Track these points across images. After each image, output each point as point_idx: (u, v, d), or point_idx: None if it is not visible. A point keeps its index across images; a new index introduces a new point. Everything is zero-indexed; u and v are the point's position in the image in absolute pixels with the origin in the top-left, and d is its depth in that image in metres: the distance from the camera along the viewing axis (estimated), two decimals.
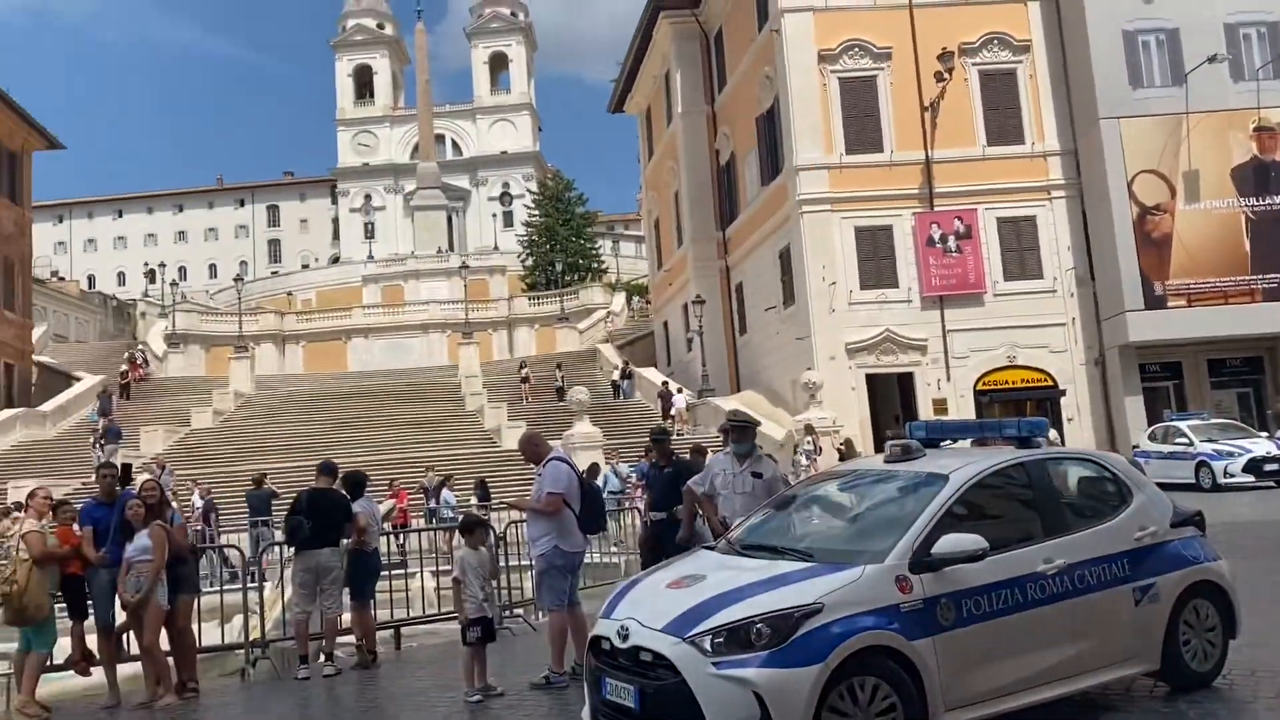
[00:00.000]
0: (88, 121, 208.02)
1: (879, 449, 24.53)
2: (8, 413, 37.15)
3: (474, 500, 22.00)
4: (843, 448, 23.21)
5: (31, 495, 9.39)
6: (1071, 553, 6.01)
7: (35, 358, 44.58)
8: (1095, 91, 26.99)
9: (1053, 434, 16.42)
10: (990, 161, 27.66)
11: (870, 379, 27.07)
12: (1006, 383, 27.40)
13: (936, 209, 27.46)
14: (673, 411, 33.39)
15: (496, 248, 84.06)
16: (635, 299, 58.13)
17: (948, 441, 7.50)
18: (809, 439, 23.22)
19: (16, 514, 9.30)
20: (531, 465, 8.67)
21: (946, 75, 27.51)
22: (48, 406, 38.50)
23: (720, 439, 14.19)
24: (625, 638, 5.59)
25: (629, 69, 40.83)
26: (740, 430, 8.70)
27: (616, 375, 37.58)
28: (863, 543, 6.04)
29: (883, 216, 27.43)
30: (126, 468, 32.04)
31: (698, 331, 32.98)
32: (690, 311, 34.14)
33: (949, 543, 5.64)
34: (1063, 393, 27.29)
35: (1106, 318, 27.27)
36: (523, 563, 11.62)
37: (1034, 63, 28.23)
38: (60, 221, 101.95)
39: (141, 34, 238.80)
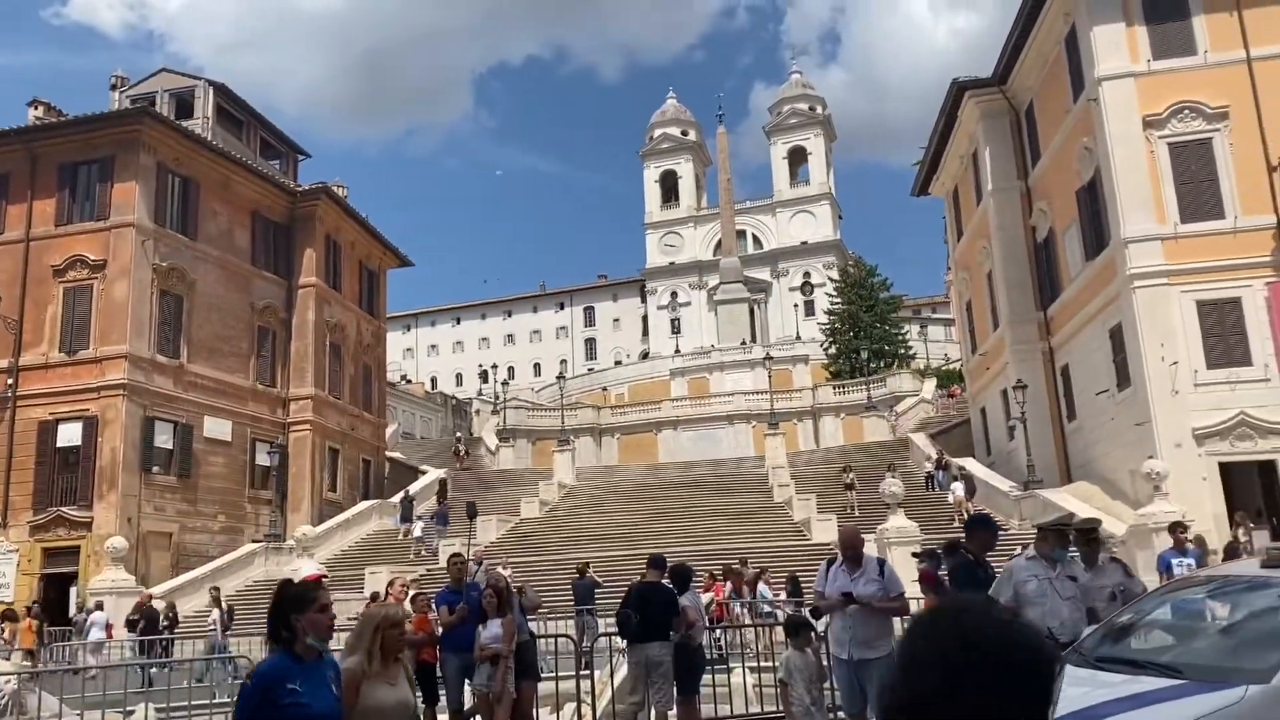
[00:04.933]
0: (431, 239, 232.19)
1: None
2: (365, 504, 41.37)
3: (784, 595, 21.77)
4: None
5: (391, 584, 10.34)
6: None
7: (388, 454, 49.50)
8: None
9: None
10: None
11: (1224, 468, 24.33)
12: None
13: None
14: (950, 499, 31.90)
15: (799, 337, 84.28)
16: (937, 391, 55.68)
17: None
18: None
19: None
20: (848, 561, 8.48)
21: None
22: (397, 498, 42.39)
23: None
24: None
25: (933, 151, 40.18)
26: (1058, 535, 8.02)
27: (930, 466, 36.20)
28: (1241, 658, 5.39)
29: (1229, 288, 24.90)
30: (472, 503, 33.92)
31: (1020, 419, 31.19)
32: (1010, 397, 32.42)
33: None
34: None
35: None
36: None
37: None
38: (408, 330, 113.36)
39: (476, 160, 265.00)
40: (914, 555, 8.93)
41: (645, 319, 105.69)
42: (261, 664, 4.42)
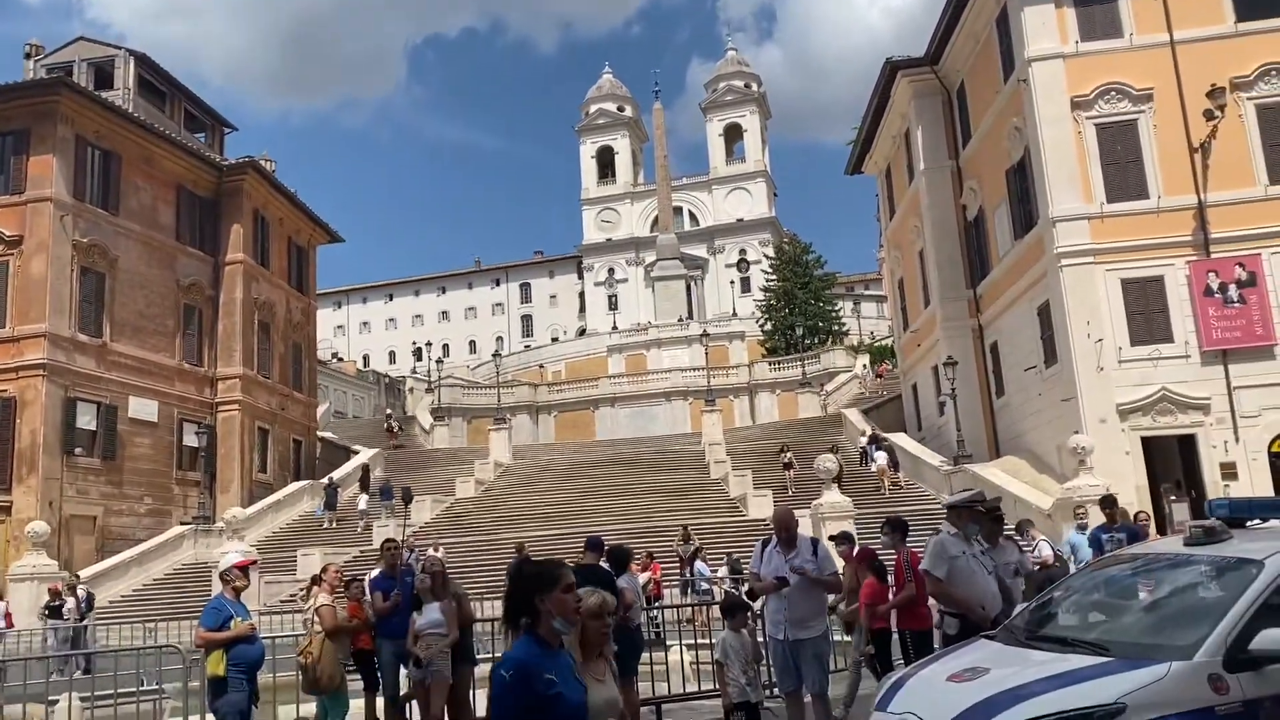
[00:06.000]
0: (363, 214, 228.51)
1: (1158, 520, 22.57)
2: (296, 485, 40.73)
3: (721, 572, 21.92)
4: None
5: (325, 570, 10.16)
6: None
7: (319, 433, 48.75)
8: None
9: None
10: (1273, 202, 25.20)
11: (1146, 442, 25.03)
12: None
13: (1213, 256, 25.31)
14: (874, 469, 32.77)
15: (735, 314, 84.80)
16: (864, 366, 56.14)
17: (1256, 521, 6.78)
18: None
19: (314, 588, 10.08)
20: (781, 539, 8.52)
21: (1218, 113, 25.49)
22: (335, 474, 41.65)
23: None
24: None
25: (867, 130, 40.50)
26: (969, 512, 8.16)
27: (864, 441, 36.70)
28: (1165, 636, 5.52)
29: (1152, 267, 25.53)
30: (407, 488, 33.57)
31: (950, 395, 31.74)
32: (941, 374, 32.96)
33: (1272, 638, 5.05)
34: None
35: None
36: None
37: None
38: (339, 307, 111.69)
39: (411, 133, 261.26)
40: (830, 539, 9.07)
41: (582, 296, 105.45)
42: (513, 652, 3.85)
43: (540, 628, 3.87)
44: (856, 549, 11.00)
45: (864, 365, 56.17)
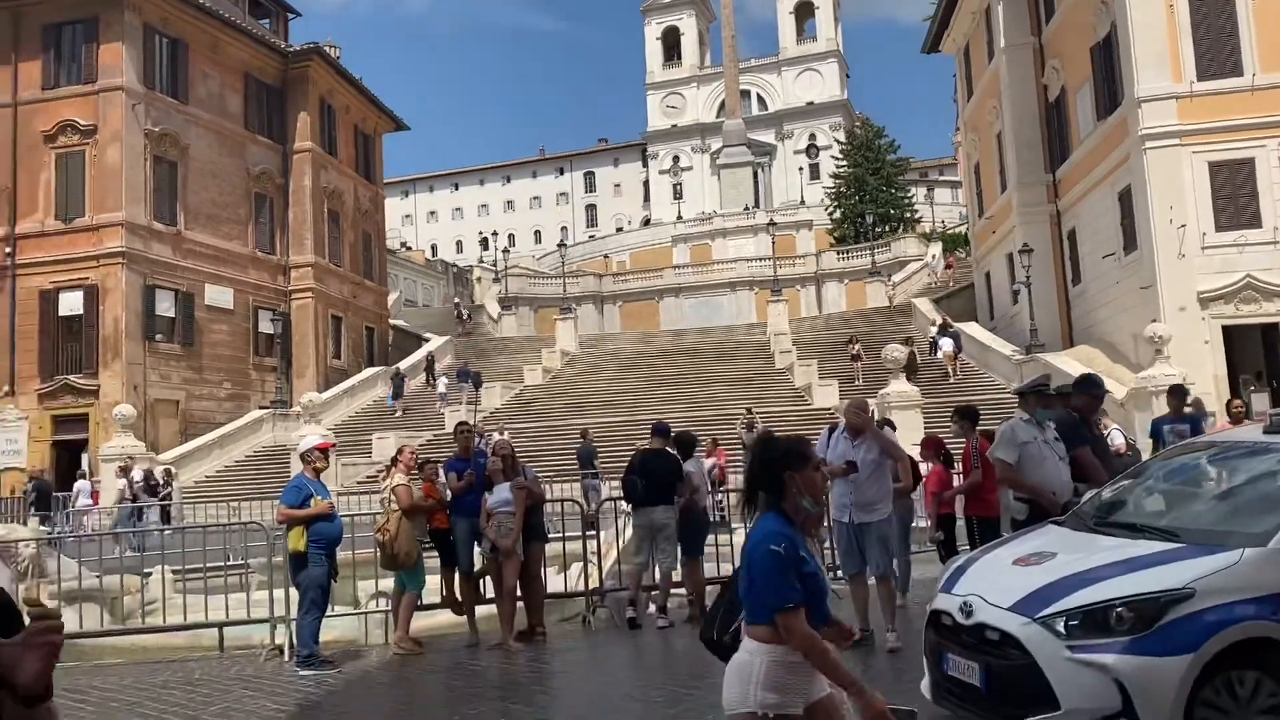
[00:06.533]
0: (428, 101, 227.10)
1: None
2: (369, 371, 41.68)
3: None
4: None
5: (400, 452, 10.43)
6: None
7: (391, 321, 49.61)
8: None
9: None
10: None
11: (1227, 331, 24.33)
12: None
13: None
14: (940, 355, 32.54)
15: (803, 202, 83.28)
16: (934, 256, 54.25)
17: None
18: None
19: (391, 469, 10.39)
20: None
21: None
22: (402, 365, 42.69)
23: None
24: (969, 614, 5.37)
25: (945, 6, 38.83)
26: (1038, 397, 7.97)
27: (934, 331, 36.23)
28: (1237, 523, 5.45)
29: (1243, 148, 24.35)
30: (478, 373, 34.33)
31: (1025, 283, 31.05)
32: (1016, 261, 32.20)
33: None
34: None
35: None
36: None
37: None
38: (406, 196, 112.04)
39: (473, 17, 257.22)
40: (887, 422, 8.99)
41: (646, 184, 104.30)
42: (768, 525, 3.52)
43: (786, 504, 3.58)
44: (923, 437, 10.99)
45: (933, 255, 54.85)
